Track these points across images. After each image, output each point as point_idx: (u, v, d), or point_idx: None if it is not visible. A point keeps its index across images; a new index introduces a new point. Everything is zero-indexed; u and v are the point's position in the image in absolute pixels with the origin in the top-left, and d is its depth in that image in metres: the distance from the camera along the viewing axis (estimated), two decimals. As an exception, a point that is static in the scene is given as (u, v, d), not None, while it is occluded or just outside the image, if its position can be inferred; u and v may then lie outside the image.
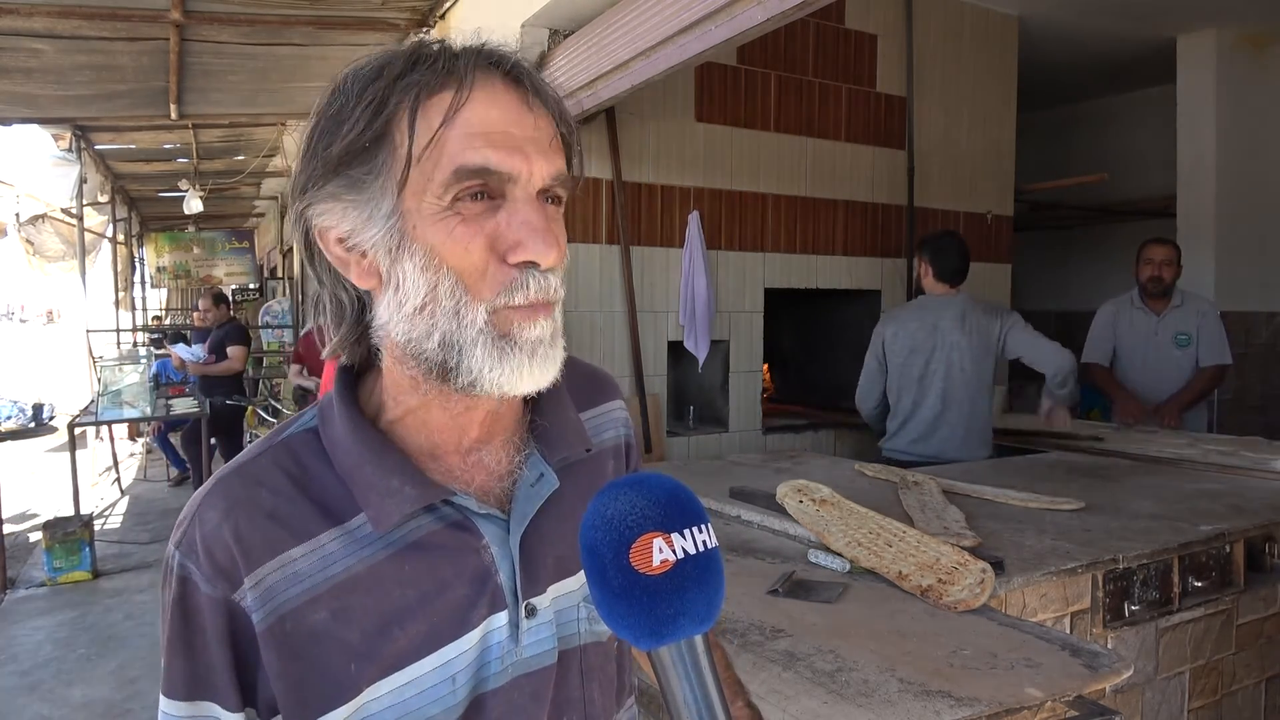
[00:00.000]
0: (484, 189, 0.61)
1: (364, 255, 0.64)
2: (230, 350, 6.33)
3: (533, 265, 0.62)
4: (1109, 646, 1.80)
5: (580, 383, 0.81)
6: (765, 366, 4.40)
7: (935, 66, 4.58)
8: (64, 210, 7.34)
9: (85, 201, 6.67)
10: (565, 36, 3.25)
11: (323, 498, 0.66)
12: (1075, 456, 3.16)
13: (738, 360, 4.10)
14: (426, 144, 0.61)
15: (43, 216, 7.62)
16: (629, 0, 2.63)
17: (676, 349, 3.91)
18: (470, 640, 0.66)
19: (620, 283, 3.72)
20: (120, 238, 9.03)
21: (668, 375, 3.89)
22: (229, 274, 11.75)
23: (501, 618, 0.67)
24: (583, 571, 0.71)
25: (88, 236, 7.50)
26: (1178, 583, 1.97)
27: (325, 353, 0.71)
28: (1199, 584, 2.01)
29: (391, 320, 0.64)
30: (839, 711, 1.21)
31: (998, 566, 1.71)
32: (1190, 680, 2.04)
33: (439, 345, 0.63)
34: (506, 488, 0.70)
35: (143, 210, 10.26)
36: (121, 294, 9.78)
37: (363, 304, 0.68)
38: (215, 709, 0.63)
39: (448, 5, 3.79)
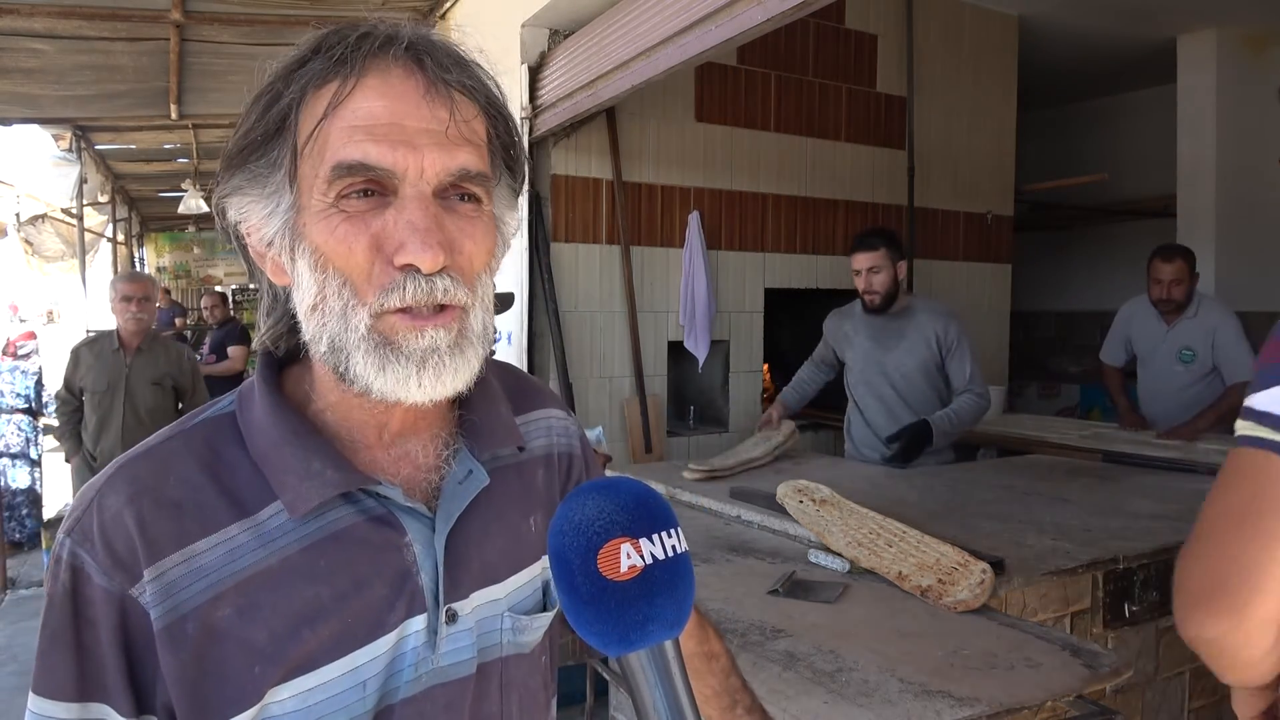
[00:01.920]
0: (371, 185, 0.58)
1: (272, 250, 0.62)
2: (231, 350, 6.32)
3: (414, 268, 0.58)
4: (1109, 646, 1.80)
5: (511, 388, 0.77)
6: (765, 366, 4.40)
7: (935, 66, 4.58)
8: (64, 210, 7.34)
9: (85, 201, 6.67)
10: (565, 36, 3.25)
11: (234, 486, 0.61)
12: (1075, 457, 3.16)
13: (738, 360, 4.10)
14: (308, 137, 0.58)
15: (43, 216, 7.63)
16: (629, 0, 2.64)
17: (676, 349, 3.91)
18: (385, 644, 0.62)
19: (620, 283, 3.72)
20: (120, 238, 9.03)
21: (668, 375, 3.89)
22: (229, 274, 11.74)
23: (419, 622, 0.63)
24: (508, 580, 0.69)
25: (87, 236, 7.51)
26: (1178, 583, 1.97)
27: (255, 343, 0.68)
28: (1199, 584, 2.01)
29: (299, 318, 0.62)
30: (839, 711, 1.21)
31: (998, 566, 1.71)
32: (1190, 680, 2.04)
33: (329, 348, 0.60)
34: (433, 483, 0.67)
35: (143, 210, 10.25)
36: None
37: (289, 296, 0.65)
38: (108, 712, 0.58)
39: (448, 5, 3.79)
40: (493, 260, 0.64)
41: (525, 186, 0.71)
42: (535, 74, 3.31)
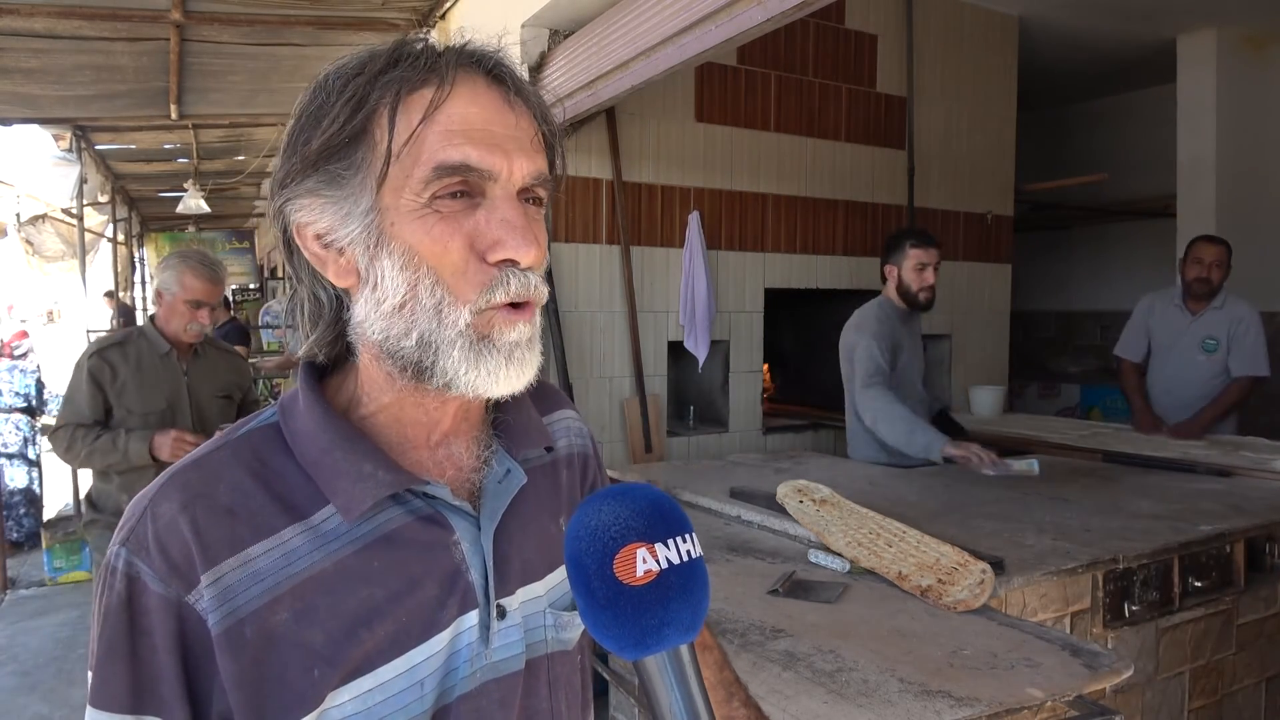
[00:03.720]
0: (463, 187, 0.60)
1: (341, 253, 0.63)
2: (231, 350, 6.33)
3: (512, 264, 0.61)
4: (1109, 646, 1.80)
5: (532, 390, 0.78)
6: (765, 366, 4.40)
7: (935, 66, 4.58)
8: (64, 210, 7.34)
9: (85, 201, 6.67)
10: (565, 36, 3.25)
11: (285, 492, 0.63)
12: (1075, 457, 3.16)
13: (738, 360, 4.10)
14: (406, 140, 0.60)
15: (43, 216, 7.63)
16: (629, 0, 2.64)
17: (676, 349, 3.91)
18: (440, 642, 0.63)
19: (620, 283, 3.72)
20: (120, 238, 9.03)
21: (668, 375, 3.89)
22: (229, 274, 11.75)
23: (471, 618, 0.65)
24: (547, 578, 0.71)
25: (87, 236, 7.51)
26: (1178, 583, 1.97)
27: (302, 351, 0.68)
28: (1199, 584, 2.01)
29: (369, 318, 0.63)
30: (839, 711, 1.21)
31: (998, 566, 1.71)
32: (1190, 680, 2.04)
33: (416, 344, 0.61)
34: (475, 483, 0.69)
35: (143, 210, 10.25)
36: (122, 294, 9.79)
37: (340, 302, 0.66)
38: None
39: (448, 5, 3.79)
40: (547, 260, 0.67)
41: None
42: (535, 74, 3.31)
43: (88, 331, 7.89)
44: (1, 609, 4.44)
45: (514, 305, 0.62)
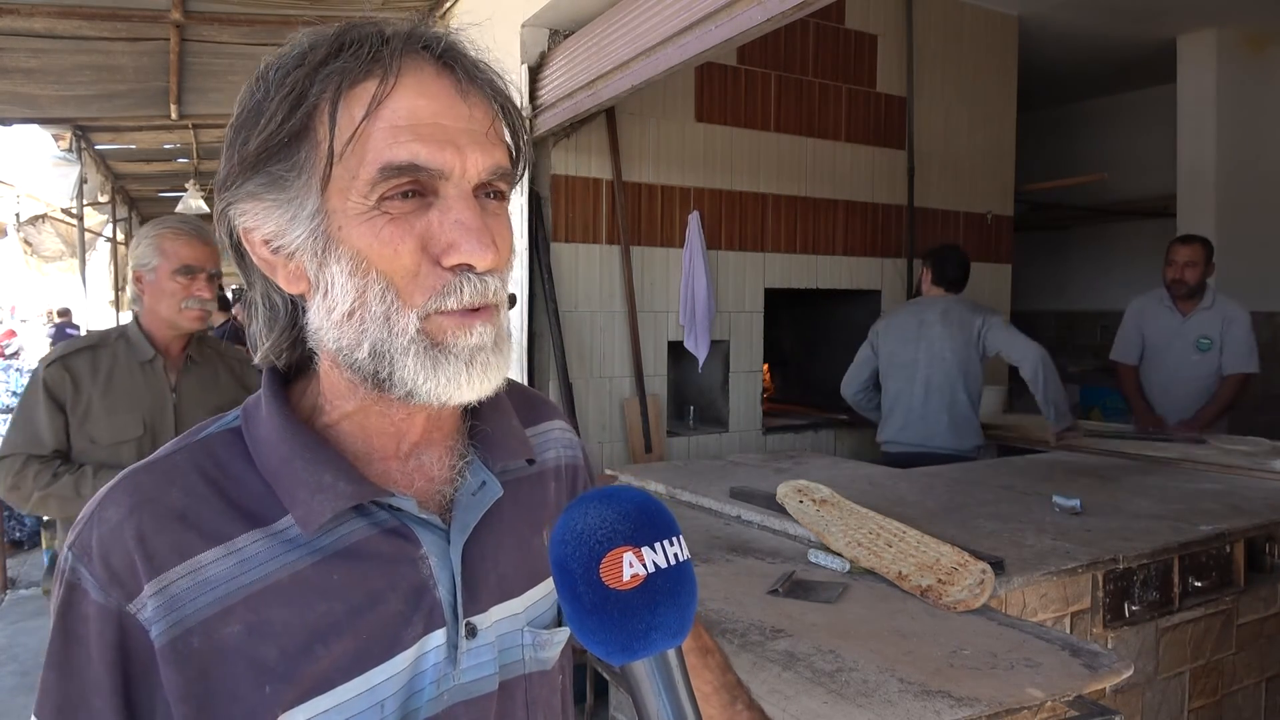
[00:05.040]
0: (414, 186, 0.56)
1: (290, 258, 0.59)
2: (230, 350, 6.33)
3: (468, 268, 0.57)
4: (1109, 646, 1.80)
5: (517, 401, 0.76)
6: (765, 366, 4.40)
7: (935, 66, 4.58)
8: (64, 210, 7.34)
9: (85, 201, 6.67)
10: (565, 36, 3.25)
11: (243, 499, 0.59)
12: (1075, 456, 3.16)
13: (738, 360, 4.10)
14: (349, 139, 0.56)
15: (43, 217, 7.63)
16: (629, 0, 2.64)
17: (676, 349, 3.91)
18: (403, 661, 0.60)
19: (620, 283, 3.72)
20: (120, 237, 9.03)
21: (668, 375, 3.89)
22: (228, 274, 11.74)
23: (438, 637, 0.62)
24: (526, 594, 0.68)
25: (86, 236, 7.51)
26: (1178, 583, 1.97)
27: (257, 359, 0.65)
28: (1199, 584, 2.01)
29: (323, 326, 0.59)
30: (839, 711, 1.21)
31: (998, 566, 1.71)
32: (1190, 680, 2.04)
33: (369, 354, 0.58)
34: (447, 496, 0.65)
35: (143, 210, 10.25)
36: (121, 293, 9.79)
37: (297, 306, 0.63)
38: None
39: (448, 5, 3.79)
40: (512, 256, 0.64)
41: (526, 186, 0.70)
42: (535, 74, 3.31)
43: (87, 332, 7.89)
44: (1, 609, 4.44)
45: (470, 309, 0.58)
